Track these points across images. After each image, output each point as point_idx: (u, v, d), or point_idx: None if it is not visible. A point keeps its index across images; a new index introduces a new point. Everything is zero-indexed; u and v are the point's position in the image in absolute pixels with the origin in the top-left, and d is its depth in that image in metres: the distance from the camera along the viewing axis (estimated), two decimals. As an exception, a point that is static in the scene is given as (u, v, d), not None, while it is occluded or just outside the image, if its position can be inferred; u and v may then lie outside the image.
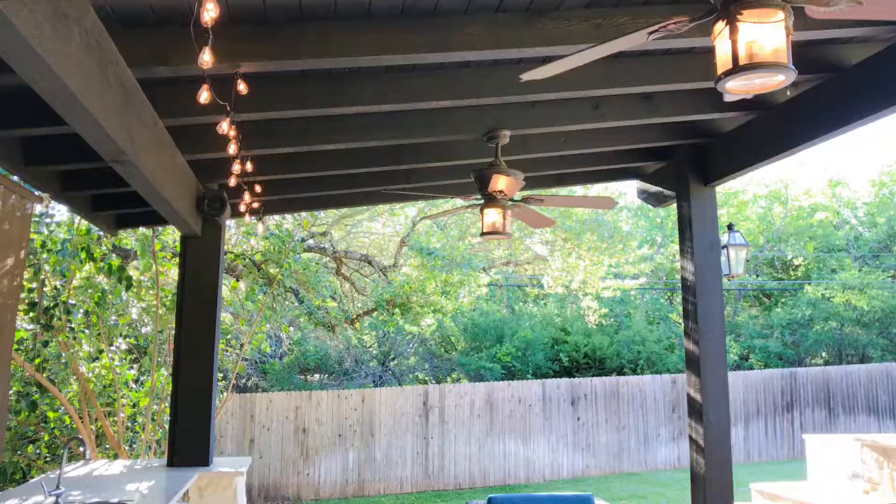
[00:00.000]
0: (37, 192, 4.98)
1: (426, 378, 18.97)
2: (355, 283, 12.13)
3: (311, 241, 11.44)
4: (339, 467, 12.95)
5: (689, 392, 5.82)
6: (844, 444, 7.31)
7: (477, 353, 19.22)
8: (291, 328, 14.44)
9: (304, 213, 9.31)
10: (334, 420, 13.07)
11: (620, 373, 18.14)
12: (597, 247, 11.71)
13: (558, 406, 14.34)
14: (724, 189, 23.46)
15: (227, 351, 8.19)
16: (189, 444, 5.04)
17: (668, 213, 22.97)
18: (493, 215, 4.92)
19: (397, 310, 9.53)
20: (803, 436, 8.05)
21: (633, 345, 19.24)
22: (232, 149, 3.78)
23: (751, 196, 24.84)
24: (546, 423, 14.18)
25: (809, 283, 22.38)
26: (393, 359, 20.60)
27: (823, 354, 22.09)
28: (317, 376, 19.34)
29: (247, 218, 5.42)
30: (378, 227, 14.52)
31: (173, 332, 5.64)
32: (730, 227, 7.32)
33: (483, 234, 4.96)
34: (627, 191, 22.68)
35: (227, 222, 9.00)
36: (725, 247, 7.13)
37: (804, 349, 21.74)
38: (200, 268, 5.38)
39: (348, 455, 13.02)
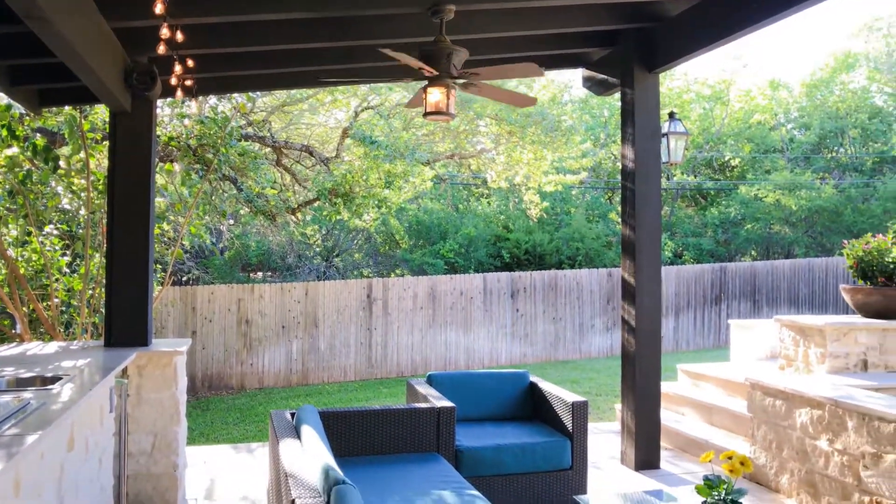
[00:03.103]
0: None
1: (370, 274, 19.10)
2: (296, 175, 11.89)
3: (249, 130, 11.09)
4: (283, 357, 13.13)
5: (623, 276, 6.01)
6: (765, 327, 7.76)
7: (420, 249, 19.39)
8: (231, 221, 14.20)
9: (239, 98, 8.95)
10: (277, 312, 13.14)
11: (559, 268, 18.60)
12: (540, 140, 11.69)
13: (498, 298, 14.72)
14: (666, 89, 23.54)
15: (164, 238, 8.02)
16: (126, 324, 4.98)
17: (612, 112, 23.03)
18: (436, 95, 4.80)
19: (339, 200, 9.40)
20: (728, 321, 8.49)
21: (573, 242, 19.68)
22: (158, 8, 3.55)
23: (693, 96, 25.03)
24: (486, 314, 14.58)
25: (744, 184, 23.06)
26: (337, 255, 20.60)
27: (753, 252, 23.07)
28: (260, 274, 19.26)
29: (178, 95, 5.17)
30: (321, 119, 14.14)
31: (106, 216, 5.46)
32: (671, 115, 7.38)
33: (426, 114, 4.86)
34: (573, 84, 22.52)
35: (160, 104, 8.61)
36: (666, 135, 7.22)
37: (735, 247, 22.64)
38: (132, 146, 5.16)
39: (292, 346, 13.18)
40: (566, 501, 4.78)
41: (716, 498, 3.42)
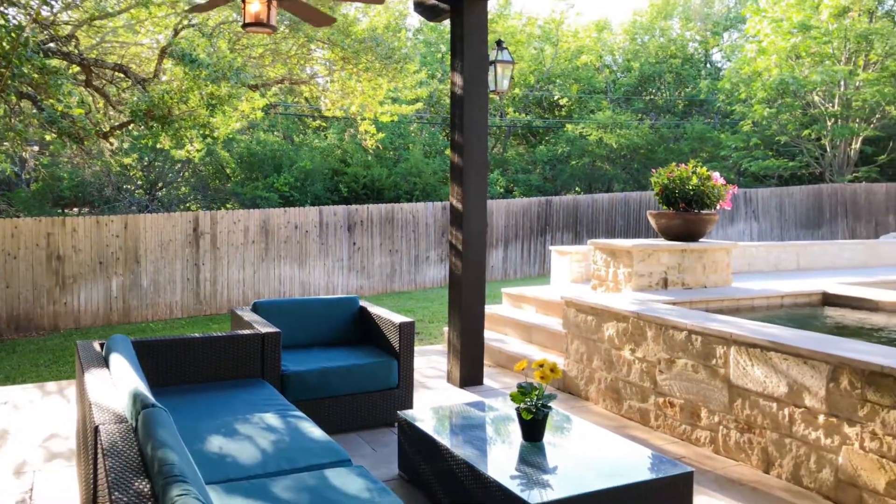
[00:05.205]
0: None
1: (198, 208, 18.21)
2: (109, 97, 10.88)
3: (52, 46, 9.95)
4: (101, 295, 12.28)
5: (451, 202, 6.12)
6: (581, 252, 8.28)
7: (253, 183, 18.69)
8: (36, 148, 12.84)
9: (36, 3, 7.93)
10: (94, 247, 12.21)
11: (397, 202, 18.72)
12: (374, 68, 11.48)
13: (335, 232, 14.58)
14: (502, 28, 23.92)
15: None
16: None
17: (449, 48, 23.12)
18: (256, 5, 4.54)
19: (156, 123, 8.71)
20: (550, 247, 8.97)
21: (411, 176, 19.82)
22: None
23: (525, 36, 25.65)
24: (322, 248, 14.41)
25: (570, 122, 24.20)
26: (161, 188, 19.40)
27: (577, 188, 24.43)
28: (76, 209, 17.77)
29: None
30: (140, 40, 12.97)
31: None
32: (498, 43, 7.51)
33: (245, 25, 4.60)
34: (409, 12, 22.28)
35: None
36: (493, 63, 7.35)
37: (561, 183, 23.87)
38: None
39: (111, 283, 12.35)
40: (392, 417, 4.91)
41: (528, 403, 3.63)
